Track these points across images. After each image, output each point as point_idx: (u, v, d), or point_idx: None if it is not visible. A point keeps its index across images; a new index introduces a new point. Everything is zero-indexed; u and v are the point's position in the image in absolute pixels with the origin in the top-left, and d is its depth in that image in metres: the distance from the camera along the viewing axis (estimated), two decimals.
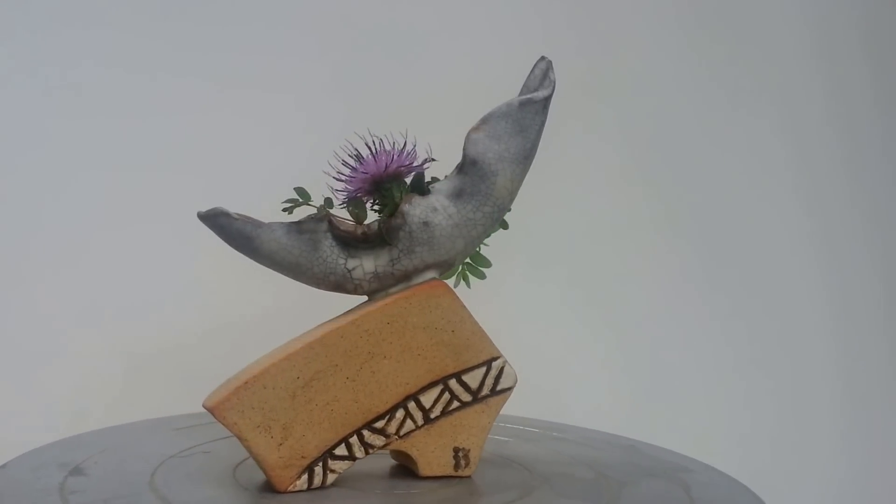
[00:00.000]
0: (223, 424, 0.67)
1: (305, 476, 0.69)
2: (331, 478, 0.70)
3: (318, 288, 0.72)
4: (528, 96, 0.70)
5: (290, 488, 0.69)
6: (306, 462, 0.69)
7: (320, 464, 0.69)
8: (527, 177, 0.71)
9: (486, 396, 0.72)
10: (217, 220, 0.69)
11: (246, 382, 0.67)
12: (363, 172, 0.71)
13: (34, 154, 1.09)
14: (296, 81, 1.16)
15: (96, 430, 0.84)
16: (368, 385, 0.70)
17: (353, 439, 0.70)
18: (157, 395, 1.08)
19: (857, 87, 1.38)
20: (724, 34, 1.32)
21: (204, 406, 0.69)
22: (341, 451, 0.70)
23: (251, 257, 0.71)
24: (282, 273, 0.72)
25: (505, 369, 0.72)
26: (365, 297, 0.73)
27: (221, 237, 0.70)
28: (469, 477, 0.73)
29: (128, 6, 1.11)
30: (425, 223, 0.70)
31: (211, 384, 0.72)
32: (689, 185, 1.30)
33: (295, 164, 0.88)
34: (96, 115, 1.09)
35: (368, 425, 0.70)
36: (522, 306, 1.23)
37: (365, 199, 0.72)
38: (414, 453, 0.72)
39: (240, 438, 0.68)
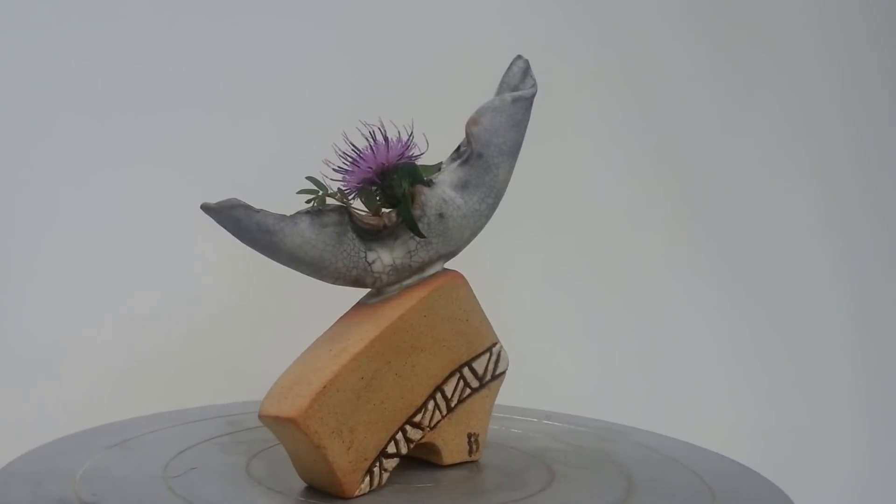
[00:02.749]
0: (304, 433, 0.63)
1: (367, 478, 0.67)
2: (384, 477, 0.68)
3: (336, 283, 0.70)
4: (520, 93, 0.74)
5: (357, 493, 0.66)
6: (367, 464, 0.67)
7: (377, 464, 0.68)
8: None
9: (489, 381, 0.75)
10: (232, 213, 0.64)
11: (325, 387, 0.64)
12: (378, 161, 0.70)
13: (45, 149, 1.07)
14: (305, 75, 1.14)
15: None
16: (410, 380, 0.69)
17: (399, 436, 0.69)
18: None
19: (877, 69, 1.34)
20: (740, 18, 1.30)
21: (275, 416, 0.64)
22: (391, 448, 0.69)
23: (266, 252, 0.67)
24: (299, 269, 0.68)
25: (501, 353, 0.76)
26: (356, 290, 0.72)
27: (233, 231, 0.65)
28: (477, 461, 0.76)
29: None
30: (440, 215, 0.71)
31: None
32: (707, 173, 1.29)
33: (298, 157, 0.82)
34: (108, 111, 1.08)
35: (410, 420, 0.70)
36: (537, 296, 1.20)
37: (374, 189, 0.71)
38: (440, 443, 0.73)
39: (317, 447, 0.64)
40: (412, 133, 0.71)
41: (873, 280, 1.33)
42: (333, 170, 0.70)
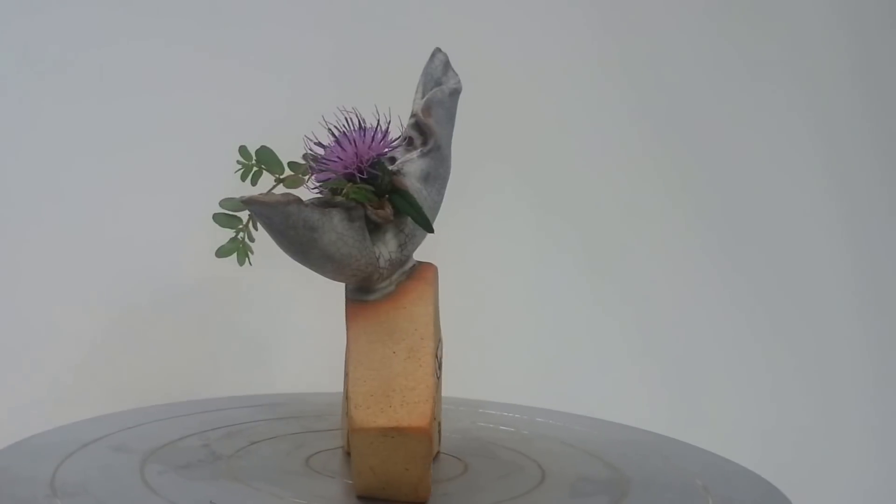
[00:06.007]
0: (426, 440, 0.61)
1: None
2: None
3: (348, 282, 0.68)
4: (453, 86, 0.77)
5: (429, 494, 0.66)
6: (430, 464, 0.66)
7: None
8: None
9: (439, 369, 0.77)
10: (286, 209, 0.60)
11: (433, 392, 0.62)
12: (370, 153, 0.68)
13: (25, 137, 1.05)
14: (289, 56, 1.09)
15: None
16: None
17: None
18: None
19: (884, 56, 1.29)
20: (745, 3, 1.25)
21: (391, 427, 0.61)
22: None
23: (297, 250, 0.63)
24: (322, 269, 0.65)
25: (442, 340, 0.78)
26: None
27: (278, 227, 0.61)
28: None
29: None
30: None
31: None
32: (709, 162, 1.23)
33: (277, 140, 0.69)
34: (84, 94, 1.05)
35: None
36: (534, 288, 1.08)
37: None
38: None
39: (426, 454, 0.62)
40: (389, 122, 0.70)
41: (880, 277, 1.30)
42: (315, 160, 0.66)
